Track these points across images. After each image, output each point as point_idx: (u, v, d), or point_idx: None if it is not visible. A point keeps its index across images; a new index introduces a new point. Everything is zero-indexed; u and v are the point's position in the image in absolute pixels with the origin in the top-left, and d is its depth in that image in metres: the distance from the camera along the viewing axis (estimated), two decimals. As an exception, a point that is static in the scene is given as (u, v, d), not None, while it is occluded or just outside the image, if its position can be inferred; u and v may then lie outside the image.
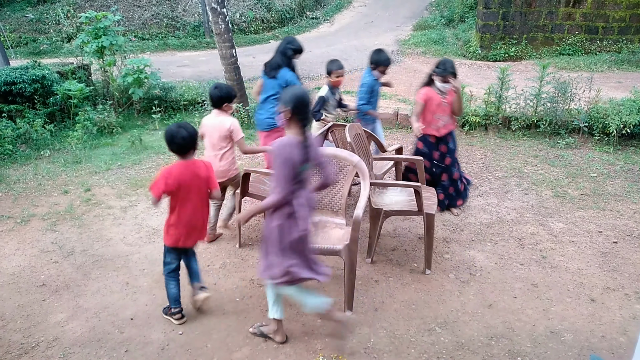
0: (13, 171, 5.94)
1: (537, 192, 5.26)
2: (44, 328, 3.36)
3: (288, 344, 3.18)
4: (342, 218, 3.79)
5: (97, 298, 3.67)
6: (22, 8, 14.63)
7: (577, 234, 4.45)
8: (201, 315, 3.45)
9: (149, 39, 13.92)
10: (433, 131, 4.62)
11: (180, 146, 3.13)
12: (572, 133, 6.72)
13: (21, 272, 4.00)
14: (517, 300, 3.59)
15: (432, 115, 4.57)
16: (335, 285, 3.77)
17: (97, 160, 6.24)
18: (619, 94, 7.65)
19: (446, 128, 4.65)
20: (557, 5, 11.12)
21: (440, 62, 4.48)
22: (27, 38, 13.51)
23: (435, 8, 16.53)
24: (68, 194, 5.34)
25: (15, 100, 6.87)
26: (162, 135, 7.04)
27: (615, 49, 11.18)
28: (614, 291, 3.69)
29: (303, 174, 2.78)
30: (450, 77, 4.41)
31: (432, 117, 4.58)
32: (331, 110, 4.91)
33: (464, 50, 12.10)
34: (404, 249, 4.28)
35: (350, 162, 3.67)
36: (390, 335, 3.25)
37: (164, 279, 3.40)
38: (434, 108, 4.54)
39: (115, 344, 3.21)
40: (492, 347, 3.15)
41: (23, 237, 4.53)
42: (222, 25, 7.06)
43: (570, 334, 3.26)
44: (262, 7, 15.46)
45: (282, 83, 4.54)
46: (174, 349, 3.16)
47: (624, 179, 5.52)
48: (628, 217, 4.72)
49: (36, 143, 6.59)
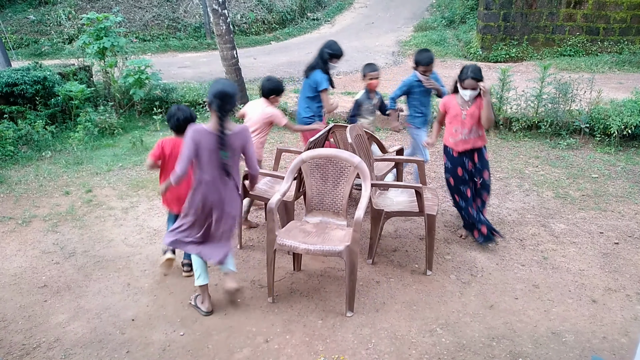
0: (14, 172, 5.95)
1: (538, 193, 5.26)
2: (45, 329, 3.36)
3: (289, 345, 3.18)
4: (343, 219, 3.79)
5: (98, 299, 3.67)
6: (24, 9, 14.66)
7: (579, 235, 4.45)
8: (202, 316, 3.45)
9: (150, 40, 13.95)
10: (452, 144, 4.17)
11: (175, 125, 3.61)
12: (573, 134, 6.71)
13: (22, 273, 4.01)
14: (519, 301, 3.58)
15: (451, 126, 4.15)
16: (337, 286, 3.77)
17: (98, 162, 6.25)
18: (620, 94, 7.65)
19: (467, 143, 4.09)
20: (558, 6, 11.13)
21: (463, 67, 4.01)
22: (29, 39, 13.54)
23: (436, 9, 16.54)
24: (69, 195, 5.34)
25: (16, 101, 6.88)
26: (164, 136, 7.06)
27: (616, 50, 11.18)
28: (616, 292, 3.68)
29: (223, 161, 3.11)
30: (472, 82, 3.91)
31: (451, 129, 4.15)
32: (366, 114, 4.78)
33: (465, 51, 12.11)
34: (405, 250, 4.28)
35: (351, 163, 3.67)
36: (392, 336, 3.25)
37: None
38: (450, 119, 4.13)
39: (116, 344, 3.21)
40: (494, 348, 3.15)
41: (24, 238, 4.53)
42: (223, 27, 7.08)
43: (572, 335, 3.26)
44: (263, 8, 15.49)
45: (312, 83, 4.72)
46: (175, 350, 3.16)
47: (625, 180, 5.52)
48: (629, 218, 4.71)
49: (37, 144, 6.60)
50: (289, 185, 3.70)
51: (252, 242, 4.41)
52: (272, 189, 4.31)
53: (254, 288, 3.76)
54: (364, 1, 18.62)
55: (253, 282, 3.83)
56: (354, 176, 3.71)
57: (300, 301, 3.60)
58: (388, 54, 12.03)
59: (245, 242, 4.39)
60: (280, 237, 3.44)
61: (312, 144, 4.19)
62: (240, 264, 4.08)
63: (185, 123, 3.50)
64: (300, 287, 3.78)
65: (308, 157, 3.75)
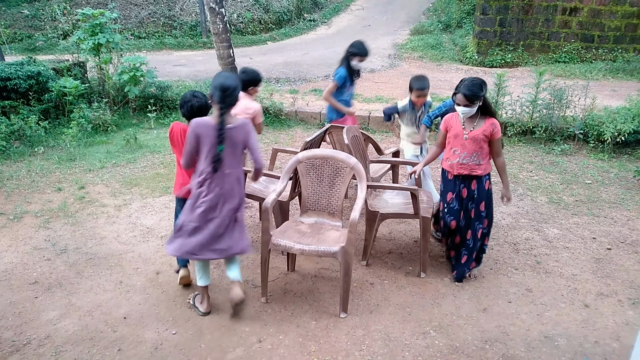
0: (6, 167, 5.89)
1: (532, 197, 5.28)
2: (35, 326, 3.32)
3: (282, 345, 3.16)
4: (338, 220, 3.78)
5: (90, 296, 3.63)
6: (18, 4, 14.53)
7: (572, 240, 4.47)
8: (195, 315, 3.43)
9: (146, 37, 13.88)
10: (448, 167, 3.75)
11: (188, 113, 3.42)
12: (567, 140, 6.76)
13: (13, 269, 3.96)
14: (512, 305, 3.59)
15: (449, 148, 3.69)
16: (331, 287, 3.76)
17: (91, 158, 6.20)
18: (614, 102, 7.71)
19: (464, 168, 3.62)
20: (554, 13, 11.21)
21: (461, 79, 3.58)
22: (23, 34, 13.42)
23: (432, 13, 16.60)
24: (62, 192, 5.30)
25: (9, 96, 6.81)
26: (158, 134, 7.01)
27: (610, 58, 11.28)
28: (608, 297, 3.70)
29: (219, 156, 3.07)
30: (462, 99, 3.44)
31: (449, 150, 3.70)
32: (407, 122, 4.63)
33: (461, 55, 12.16)
34: (400, 252, 4.28)
35: (347, 164, 3.67)
36: (385, 338, 3.25)
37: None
38: (450, 139, 3.67)
39: (108, 342, 3.18)
40: (487, 351, 3.15)
41: (15, 234, 4.48)
42: (220, 25, 7.06)
43: (564, 339, 3.27)
44: (260, 8, 15.47)
45: (334, 79, 4.87)
46: (167, 349, 3.13)
47: (618, 186, 5.55)
48: (622, 224, 4.74)
49: (30, 140, 6.54)
50: (285, 185, 3.69)
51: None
52: (267, 189, 4.29)
53: (248, 288, 3.74)
54: (360, 3, 18.65)
55: (247, 282, 3.81)
56: (350, 177, 3.71)
57: (294, 302, 3.59)
58: (384, 57, 12.05)
59: (239, 242, 4.36)
60: (275, 237, 3.43)
61: (308, 144, 4.18)
62: (233, 264, 4.06)
63: (200, 112, 3.38)
64: (294, 287, 3.76)
65: (304, 157, 3.74)
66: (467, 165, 3.61)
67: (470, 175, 3.63)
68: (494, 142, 3.56)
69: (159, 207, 4.98)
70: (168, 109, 7.88)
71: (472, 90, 3.39)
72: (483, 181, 3.67)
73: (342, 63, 4.93)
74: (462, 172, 3.63)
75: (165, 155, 6.31)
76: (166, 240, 3.77)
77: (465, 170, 3.62)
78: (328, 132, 4.70)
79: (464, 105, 3.46)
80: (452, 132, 3.64)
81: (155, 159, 6.24)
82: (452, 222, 3.76)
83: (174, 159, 4.22)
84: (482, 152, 3.57)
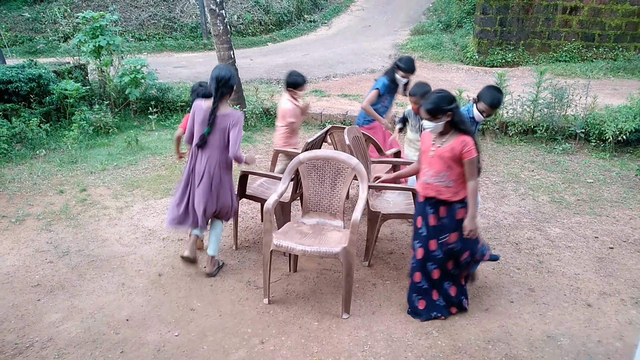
0: (8, 170, 5.90)
1: (534, 197, 5.28)
2: (38, 328, 3.33)
3: (284, 347, 3.16)
4: (340, 220, 3.78)
5: (92, 298, 3.63)
6: (19, 7, 14.56)
7: (574, 239, 4.46)
8: (197, 316, 3.43)
9: (146, 39, 13.89)
10: (418, 186, 3.37)
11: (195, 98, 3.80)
12: (568, 139, 6.75)
13: (15, 271, 3.97)
14: (514, 305, 3.59)
15: (421, 165, 3.34)
16: (333, 288, 3.76)
17: (93, 161, 6.21)
18: (615, 100, 7.70)
19: (430, 189, 3.22)
20: (554, 12, 11.21)
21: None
22: (24, 37, 13.44)
23: (432, 13, 16.59)
24: (63, 194, 5.30)
25: (11, 99, 6.82)
26: (159, 136, 7.01)
27: (611, 57, 11.27)
28: (610, 296, 3.70)
29: (205, 137, 3.51)
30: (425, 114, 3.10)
31: (422, 167, 3.33)
32: (412, 128, 4.63)
33: (462, 55, 12.16)
34: (402, 252, 4.27)
35: (348, 164, 3.67)
36: (388, 338, 3.24)
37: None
38: (422, 155, 3.33)
39: (110, 345, 3.18)
40: (489, 351, 3.15)
41: (18, 236, 4.49)
42: (221, 27, 7.06)
43: (567, 338, 3.27)
44: (260, 9, 15.48)
45: (377, 87, 4.94)
46: (169, 351, 3.13)
47: (620, 185, 5.55)
48: (624, 223, 4.74)
49: (32, 142, 6.55)
50: (287, 186, 3.69)
51: (248, 243, 4.39)
52: (269, 190, 4.29)
53: (250, 289, 3.75)
54: (360, 4, 18.66)
55: (249, 283, 3.81)
56: (352, 178, 3.71)
57: (296, 303, 3.59)
58: (385, 57, 12.04)
59: (240, 243, 4.37)
60: (277, 238, 3.43)
61: (309, 145, 4.18)
62: (235, 265, 4.06)
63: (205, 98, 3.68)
64: (296, 288, 3.76)
65: (306, 158, 3.74)
66: (432, 185, 3.20)
67: (438, 199, 3.23)
68: (465, 164, 3.11)
69: (160, 208, 4.98)
70: (169, 110, 7.88)
71: (435, 104, 3.05)
72: (454, 208, 3.21)
73: (386, 74, 4.98)
74: (428, 194, 3.24)
75: (167, 157, 6.31)
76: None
77: (432, 192, 3.21)
78: (329, 132, 4.70)
79: (426, 119, 3.14)
80: (423, 146, 3.30)
81: (156, 160, 6.24)
82: (420, 249, 3.32)
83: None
84: (451, 173, 3.15)
